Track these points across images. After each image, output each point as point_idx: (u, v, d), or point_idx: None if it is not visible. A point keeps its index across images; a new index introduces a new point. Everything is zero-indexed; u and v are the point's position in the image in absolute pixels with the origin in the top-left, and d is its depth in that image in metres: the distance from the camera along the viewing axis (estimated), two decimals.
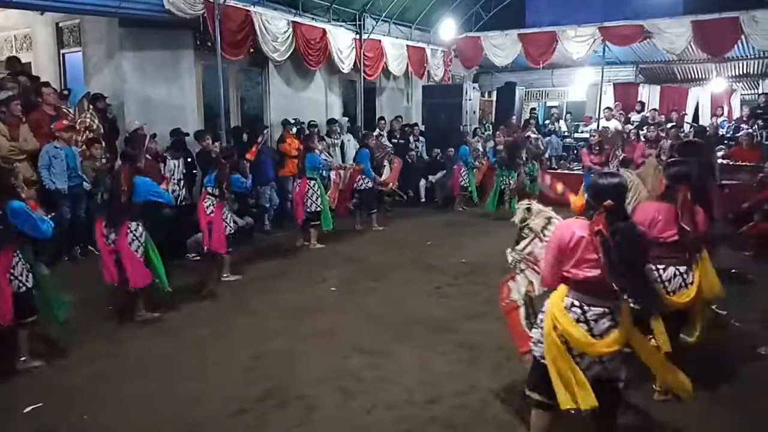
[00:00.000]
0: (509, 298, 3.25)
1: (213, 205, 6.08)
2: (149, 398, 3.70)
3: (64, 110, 7.07)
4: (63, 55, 8.52)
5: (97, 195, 6.78)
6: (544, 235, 3.17)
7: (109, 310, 5.12)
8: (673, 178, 3.45)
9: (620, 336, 2.56)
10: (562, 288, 2.69)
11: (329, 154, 9.11)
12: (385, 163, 9.08)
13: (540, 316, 2.80)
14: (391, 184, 9.20)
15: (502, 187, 9.57)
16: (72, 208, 6.62)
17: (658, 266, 3.43)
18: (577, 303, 2.62)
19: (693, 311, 3.59)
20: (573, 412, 2.60)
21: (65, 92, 7.62)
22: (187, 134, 7.77)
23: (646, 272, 2.68)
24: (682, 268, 3.44)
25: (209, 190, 6.14)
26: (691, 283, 3.44)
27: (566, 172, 11.01)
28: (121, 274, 4.83)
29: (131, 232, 4.86)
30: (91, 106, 7.15)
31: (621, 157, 7.89)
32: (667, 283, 3.44)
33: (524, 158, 9.69)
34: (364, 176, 8.47)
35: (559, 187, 3.53)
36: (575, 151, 11.79)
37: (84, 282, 5.52)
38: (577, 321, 2.59)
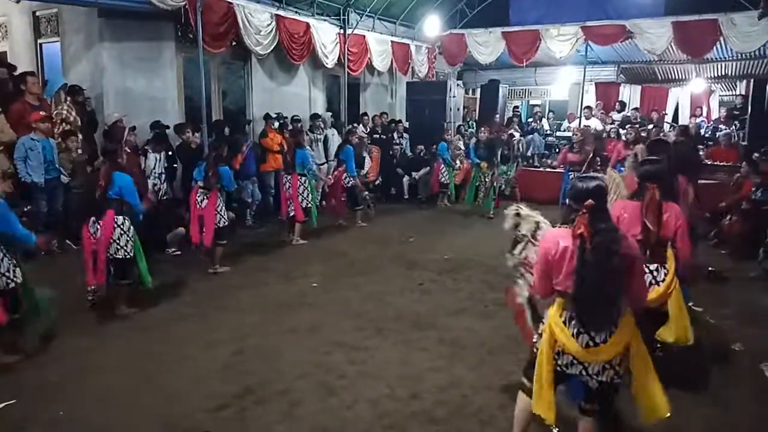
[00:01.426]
0: (517, 301, 3.26)
1: (206, 198, 6.05)
2: (127, 394, 3.65)
3: (47, 101, 6.94)
4: (40, 44, 8.33)
5: (74, 188, 6.70)
6: (536, 239, 3.18)
7: (88, 303, 5.01)
8: (642, 176, 3.46)
9: (621, 339, 2.52)
10: (559, 301, 2.64)
11: (311, 148, 9.04)
12: (365, 154, 9.14)
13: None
14: (372, 174, 9.23)
15: (477, 184, 9.63)
16: (49, 201, 6.49)
17: None
18: (577, 314, 2.56)
19: (672, 307, 3.56)
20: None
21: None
22: (168, 127, 7.68)
23: (611, 296, 2.50)
24: (652, 266, 3.43)
25: (201, 183, 6.11)
26: (662, 281, 3.43)
27: (548, 170, 11.10)
28: (99, 269, 4.74)
29: (118, 226, 4.79)
30: (68, 98, 7.01)
31: (597, 161, 7.88)
32: None
33: (499, 158, 9.65)
34: (348, 173, 8.51)
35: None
36: (557, 150, 11.88)
37: (62, 276, 5.43)
38: (578, 334, 2.55)
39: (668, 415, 2.63)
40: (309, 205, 7.57)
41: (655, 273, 3.44)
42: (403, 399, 3.61)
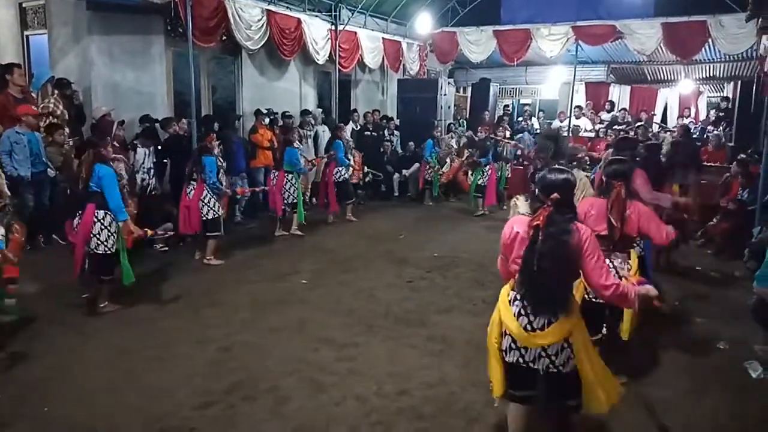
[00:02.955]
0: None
1: (194, 189, 6.17)
2: (114, 390, 3.62)
3: (32, 94, 6.84)
4: (27, 37, 8.22)
5: (62, 182, 6.63)
6: None
7: (81, 298, 4.98)
8: (608, 175, 3.59)
9: (560, 329, 2.57)
10: (510, 282, 2.75)
11: (300, 144, 9.00)
12: (349, 157, 9.13)
13: None
14: (355, 179, 9.47)
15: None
16: (35, 195, 6.41)
17: None
18: (519, 297, 2.65)
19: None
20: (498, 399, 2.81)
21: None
22: (157, 121, 7.61)
23: (555, 284, 2.56)
24: (617, 261, 3.52)
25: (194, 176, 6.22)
26: (626, 277, 3.49)
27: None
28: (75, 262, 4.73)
29: (98, 220, 4.69)
30: (55, 92, 6.92)
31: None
32: None
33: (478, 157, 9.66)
34: (339, 168, 8.51)
35: None
36: None
37: (48, 272, 5.37)
38: (518, 315, 2.63)
39: (606, 409, 2.68)
40: (294, 200, 7.65)
41: (618, 268, 3.53)
42: (391, 396, 3.61)
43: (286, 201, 7.59)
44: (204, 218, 6.20)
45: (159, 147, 7.45)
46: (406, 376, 3.87)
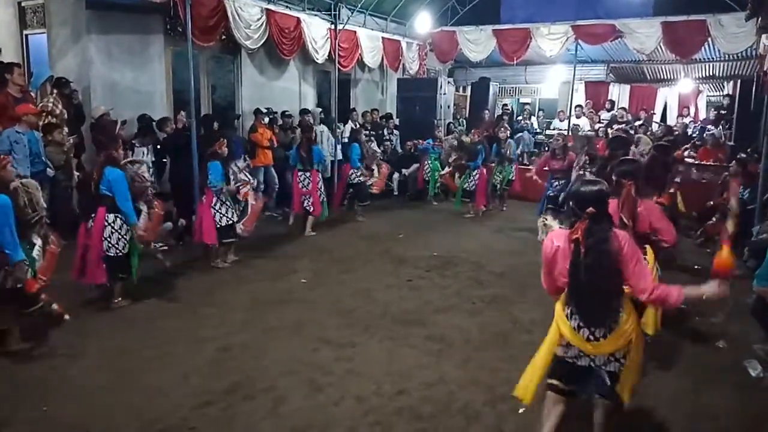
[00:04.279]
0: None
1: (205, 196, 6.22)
2: (113, 390, 3.62)
3: (32, 94, 6.83)
4: (26, 36, 8.21)
5: (62, 182, 6.63)
6: None
7: (90, 297, 5.07)
8: (619, 174, 3.67)
9: (623, 334, 2.65)
10: (563, 297, 2.80)
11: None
12: (374, 167, 9.38)
13: None
14: (377, 189, 9.51)
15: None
16: None
17: None
18: (576, 310, 2.70)
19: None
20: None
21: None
22: (154, 120, 7.60)
23: (606, 294, 2.65)
24: None
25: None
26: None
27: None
28: (93, 267, 4.76)
29: (109, 224, 4.76)
30: (55, 91, 6.91)
31: (585, 159, 7.63)
32: None
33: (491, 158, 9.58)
34: (354, 170, 8.70)
35: None
36: (546, 148, 11.90)
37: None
38: (578, 327, 2.69)
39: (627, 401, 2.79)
40: (324, 199, 7.96)
41: None
42: (389, 395, 3.61)
43: (320, 200, 7.82)
44: (218, 226, 6.11)
45: (158, 146, 7.45)
46: (404, 375, 3.87)
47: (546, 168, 8.13)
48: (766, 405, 3.63)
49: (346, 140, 10.69)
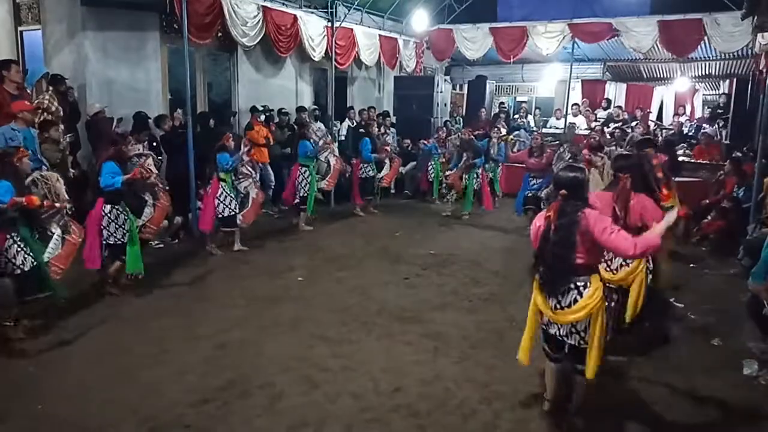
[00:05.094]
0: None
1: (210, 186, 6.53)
2: (108, 387, 3.61)
3: (28, 91, 6.79)
4: (21, 32, 8.16)
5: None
6: None
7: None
8: (617, 169, 3.97)
9: (584, 306, 2.94)
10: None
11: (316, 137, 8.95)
12: (386, 160, 9.50)
13: None
14: (387, 181, 9.73)
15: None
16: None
17: None
18: (542, 280, 3.07)
19: (633, 290, 3.99)
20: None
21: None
22: (150, 118, 7.57)
23: (568, 267, 2.95)
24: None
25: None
26: (632, 263, 3.86)
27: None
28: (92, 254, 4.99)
29: (106, 214, 4.97)
30: (50, 88, 6.87)
31: (569, 156, 7.48)
32: (609, 262, 3.92)
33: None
34: (365, 165, 8.84)
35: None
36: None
37: None
38: (548, 296, 3.05)
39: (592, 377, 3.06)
40: (306, 194, 7.84)
41: (615, 259, 3.87)
42: (386, 392, 3.61)
43: (298, 194, 7.85)
44: (220, 216, 6.48)
45: (154, 143, 7.42)
46: (401, 372, 3.87)
47: (523, 164, 8.14)
48: (760, 402, 3.65)
49: (344, 138, 10.72)
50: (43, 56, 7.73)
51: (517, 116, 13.91)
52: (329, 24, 10.56)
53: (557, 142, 10.50)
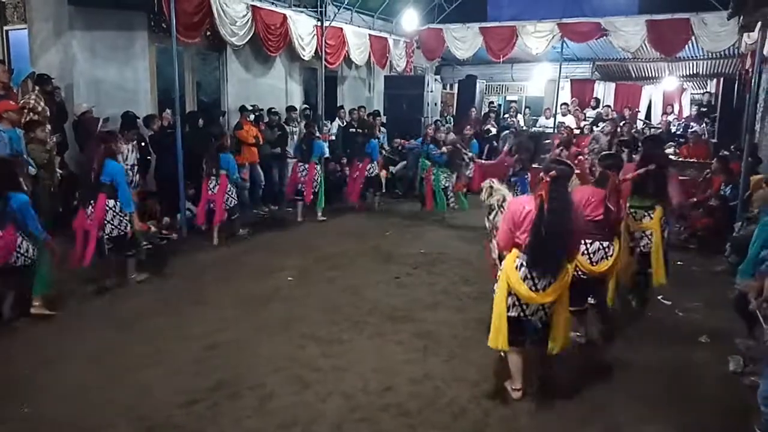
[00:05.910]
0: (492, 255, 4.03)
1: (218, 184, 6.87)
2: (97, 388, 3.59)
3: (14, 91, 6.72)
4: (6, 32, 8.08)
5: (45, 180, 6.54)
6: (502, 208, 3.96)
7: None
8: (604, 166, 4.24)
9: (558, 289, 3.28)
10: (515, 251, 3.36)
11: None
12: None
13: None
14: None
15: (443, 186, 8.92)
16: None
17: (586, 240, 3.99)
18: (524, 263, 3.29)
19: (615, 280, 4.41)
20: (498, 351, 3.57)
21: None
22: (138, 117, 7.52)
23: (556, 248, 3.24)
24: (605, 243, 4.09)
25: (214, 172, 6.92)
26: (611, 256, 4.09)
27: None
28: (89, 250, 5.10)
29: (110, 209, 5.15)
30: (37, 88, 6.80)
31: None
32: (592, 255, 4.08)
33: (465, 161, 9.48)
34: (372, 164, 9.20)
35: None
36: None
37: None
38: (524, 278, 3.28)
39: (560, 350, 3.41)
40: (316, 190, 8.42)
41: (606, 249, 4.09)
42: (376, 392, 3.62)
43: (314, 191, 8.34)
44: (227, 208, 6.98)
45: (143, 143, 7.38)
46: (391, 372, 3.87)
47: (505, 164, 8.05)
48: (746, 399, 3.67)
49: (334, 138, 10.71)
50: (29, 56, 7.65)
51: (507, 115, 13.96)
52: (319, 23, 10.54)
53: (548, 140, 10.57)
